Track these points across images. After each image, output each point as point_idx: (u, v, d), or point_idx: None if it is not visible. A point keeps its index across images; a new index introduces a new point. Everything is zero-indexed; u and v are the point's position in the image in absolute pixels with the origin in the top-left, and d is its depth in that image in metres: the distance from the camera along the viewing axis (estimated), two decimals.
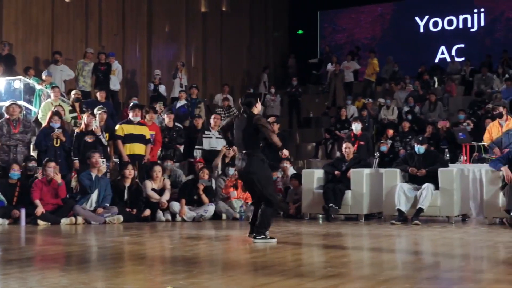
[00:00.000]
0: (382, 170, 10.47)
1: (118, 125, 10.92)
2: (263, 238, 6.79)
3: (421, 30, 22.35)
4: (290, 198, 10.85)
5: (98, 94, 13.03)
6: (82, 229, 8.86)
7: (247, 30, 21.63)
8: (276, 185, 11.20)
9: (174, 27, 18.94)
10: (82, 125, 10.64)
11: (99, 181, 9.73)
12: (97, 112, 11.00)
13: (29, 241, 7.69)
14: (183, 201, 10.09)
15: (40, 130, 10.88)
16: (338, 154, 14.22)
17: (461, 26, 21.78)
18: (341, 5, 23.33)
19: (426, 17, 22.22)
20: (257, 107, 7.02)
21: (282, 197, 10.98)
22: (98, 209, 9.55)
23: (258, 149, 6.97)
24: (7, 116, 10.58)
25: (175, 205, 10.04)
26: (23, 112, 11.72)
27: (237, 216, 10.26)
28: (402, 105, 17.34)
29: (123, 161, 10.52)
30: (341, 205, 10.06)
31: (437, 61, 21.62)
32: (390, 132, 14.48)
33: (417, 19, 22.35)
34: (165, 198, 10.12)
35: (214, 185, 10.65)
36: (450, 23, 21.91)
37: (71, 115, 12.06)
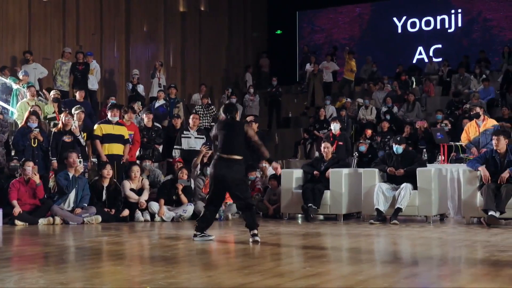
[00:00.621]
0: (360, 170, 10.51)
1: (96, 125, 10.86)
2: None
3: (399, 30, 22.48)
4: (267, 197, 10.86)
5: (77, 93, 12.95)
6: (60, 229, 8.80)
7: (225, 30, 21.63)
8: (255, 185, 11.22)
9: (152, 26, 18.87)
10: (60, 125, 10.57)
11: (76, 181, 9.67)
12: (75, 111, 10.94)
13: (6, 242, 7.62)
14: (162, 201, 10.06)
15: (17, 130, 10.79)
16: (317, 154, 14.26)
17: (438, 26, 21.93)
18: (320, 5, 23.40)
19: (404, 18, 22.35)
20: (237, 115, 7.20)
21: (261, 197, 11.00)
22: (76, 209, 9.50)
23: (242, 155, 7.02)
24: None
25: (154, 205, 10.01)
26: (1, 111, 11.63)
27: (216, 216, 10.22)
28: (380, 105, 17.43)
29: (102, 161, 10.47)
30: (320, 205, 10.08)
31: (415, 61, 21.75)
32: (368, 132, 14.56)
33: (395, 19, 22.47)
34: (144, 198, 10.09)
35: (193, 185, 10.63)
36: (427, 23, 22.06)
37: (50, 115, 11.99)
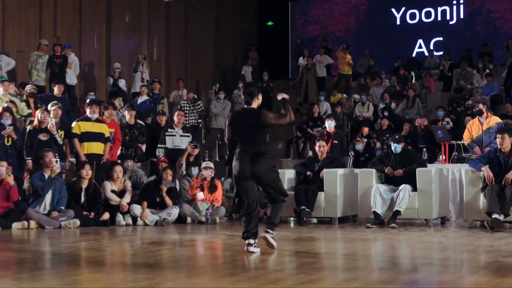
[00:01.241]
0: (357, 170, 10.53)
1: (74, 122, 10.82)
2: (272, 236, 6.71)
3: (398, 22, 22.50)
4: (259, 200, 10.84)
5: (55, 88, 12.88)
6: (35, 234, 8.77)
7: (213, 21, 21.59)
8: None
9: (135, 17, 18.81)
10: (35, 122, 10.52)
11: (53, 182, 9.63)
12: (51, 108, 10.88)
13: None
14: (145, 204, 10.04)
15: None
16: (310, 153, 14.27)
17: (439, 18, 21.97)
18: None
19: (403, 9, 22.38)
20: (259, 99, 6.80)
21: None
22: (52, 213, 9.46)
23: (266, 146, 6.86)
24: None
25: (136, 208, 9.99)
26: None
27: (203, 219, 10.23)
28: (378, 101, 17.47)
29: (80, 161, 10.44)
30: (314, 207, 10.08)
31: (414, 55, 21.79)
32: (365, 130, 14.59)
33: (394, 10, 22.50)
34: (126, 200, 10.06)
35: (178, 186, 10.61)
36: (428, 15, 22.10)
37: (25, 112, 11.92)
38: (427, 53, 21.23)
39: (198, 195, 10.48)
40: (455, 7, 21.75)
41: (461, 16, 21.72)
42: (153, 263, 5.94)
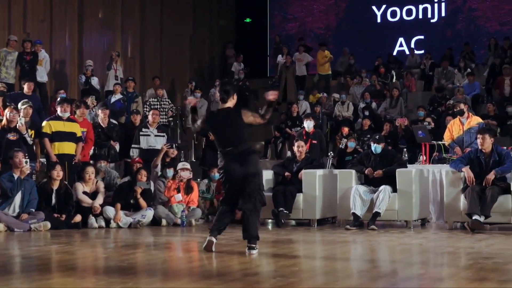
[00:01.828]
0: (336, 171, 10.58)
1: (45, 122, 10.74)
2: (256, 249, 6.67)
3: (379, 20, 22.62)
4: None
5: (25, 85, 12.78)
6: (3, 237, 8.69)
7: (189, 17, 21.55)
8: (221, 186, 11.19)
9: (108, 13, 18.73)
10: (4, 121, 10.43)
11: (22, 183, 9.56)
12: (21, 106, 10.78)
13: None
14: (118, 206, 10.00)
15: None
16: (289, 153, 14.30)
17: (420, 16, 22.11)
18: None
19: (383, 6, 22.50)
20: (234, 99, 6.86)
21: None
22: (22, 215, 9.38)
23: (250, 143, 6.90)
24: None
25: (109, 210, 9.95)
26: None
27: (178, 221, 10.22)
28: (358, 101, 17.56)
29: (51, 161, 10.37)
30: (292, 209, 10.11)
31: (395, 53, 21.91)
32: (345, 129, 14.63)
33: (374, 8, 22.62)
34: (98, 202, 10.02)
35: (152, 187, 10.59)
36: (409, 13, 22.24)
37: None
38: (408, 52, 21.37)
39: (175, 197, 10.47)
40: (436, 5, 21.91)
41: (443, 14, 21.88)
42: (127, 267, 5.92)
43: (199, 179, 12.03)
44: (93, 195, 10.13)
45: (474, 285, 4.90)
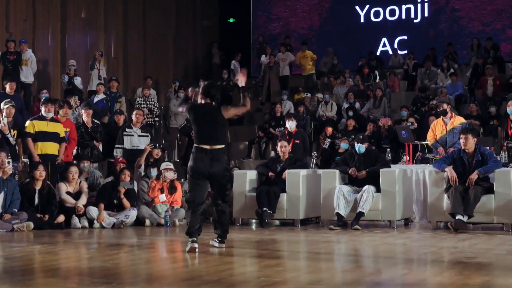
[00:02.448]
0: (320, 171, 10.58)
1: (28, 122, 10.68)
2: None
3: (362, 20, 22.68)
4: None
5: (7, 85, 12.71)
6: None
7: (173, 17, 21.50)
8: None
9: (91, 12, 18.65)
10: None
11: (5, 183, 9.51)
12: (4, 106, 10.72)
13: None
14: (102, 206, 9.98)
15: None
16: (272, 153, 14.31)
17: (403, 16, 22.19)
18: None
19: (367, 7, 22.55)
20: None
21: (211, 200, 10.97)
22: (4, 215, 9.33)
23: (224, 146, 7.03)
24: None
25: (93, 210, 9.92)
26: None
27: (162, 221, 10.21)
28: (341, 101, 17.60)
29: (34, 161, 10.31)
30: (276, 209, 10.12)
31: (378, 53, 21.98)
32: (329, 130, 14.65)
33: (358, 8, 22.67)
34: (82, 202, 9.98)
35: (136, 188, 10.56)
36: (392, 13, 22.31)
37: None
38: (391, 52, 21.46)
39: (160, 197, 10.44)
40: (419, 5, 22.01)
41: (426, 14, 21.97)
42: (111, 267, 5.90)
43: (182, 179, 12.01)
44: (76, 195, 10.09)
45: (457, 285, 4.92)
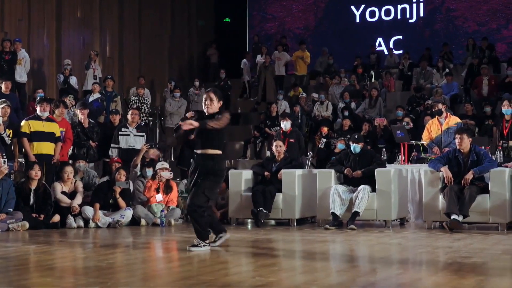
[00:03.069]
0: (315, 171, 10.59)
1: (24, 121, 10.66)
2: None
3: (357, 20, 22.72)
4: (214, 201, 10.83)
5: (3, 84, 12.69)
6: None
7: (168, 17, 21.50)
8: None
9: (86, 12, 18.63)
10: None
11: (0, 183, 9.49)
12: None
13: None
14: (97, 206, 9.96)
15: None
16: (268, 153, 14.31)
17: (399, 16, 22.24)
18: None
19: (362, 6, 22.59)
20: (220, 104, 7.04)
21: None
22: (0, 215, 9.31)
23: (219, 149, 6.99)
24: None
25: (88, 210, 9.90)
26: None
27: (158, 221, 10.20)
28: (337, 100, 17.61)
29: (29, 161, 10.30)
30: (271, 209, 10.12)
31: (372, 53, 21.97)
32: (324, 129, 14.67)
33: (353, 8, 22.71)
34: (77, 202, 9.97)
35: (131, 187, 10.55)
36: (387, 13, 22.35)
37: None
38: (386, 52, 21.49)
39: (156, 197, 10.43)
40: (415, 5, 22.05)
41: (421, 14, 22.02)
42: (106, 267, 5.90)
43: (178, 179, 12.00)
44: (71, 195, 10.08)
45: (452, 284, 4.93)
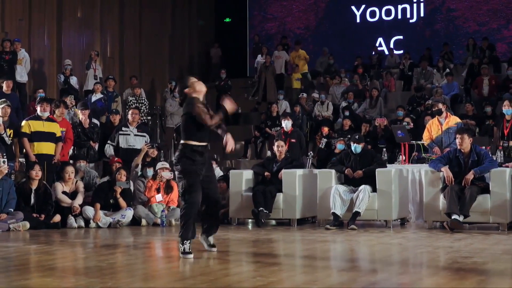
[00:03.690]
0: (316, 171, 10.58)
1: (24, 121, 10.66)
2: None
3: (358, 20, 22.71)
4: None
5: (4, 84, 12.69)
6: None
7: (169, 17, 21.50)
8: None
9: (87, 12, 18.63)
10: None
11: (1, 183, 9.49)
12: None
13: None
14: (98, 206, 9.96)
15: None
16: (269, 153, 14.31)
17: (399, 16, 22.24)
18: None
19: (363, 7, 22.59)
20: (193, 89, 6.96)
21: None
22: (0, 215, 9.31)
23: (189, 139, 6.74)
24: None
25: (89, 210, 9.91)
26: None
27: (158, 221, 10.19)
28: (337, 100, 17.60)
29: (30, 161, 10.30)
30: (272, 209, 10.11)
31: (373, 53, 21.96)
32: (325, 129, 14.66)
33: (354, 8, 22.70)
34: (78, 202, 9.97)
35: (132, 187, 10.55)
36: (388, 13, 22.35)
37: None
38: (387, 52, 21.48)
39: (156, 197, 10.43)
40: (415, 5, 22.05)
41: (422, 14, 22.02)
42: (107, 267, 5.90)
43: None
44: (72, 195, 10.08)
45: (453, 284, 4.93)
